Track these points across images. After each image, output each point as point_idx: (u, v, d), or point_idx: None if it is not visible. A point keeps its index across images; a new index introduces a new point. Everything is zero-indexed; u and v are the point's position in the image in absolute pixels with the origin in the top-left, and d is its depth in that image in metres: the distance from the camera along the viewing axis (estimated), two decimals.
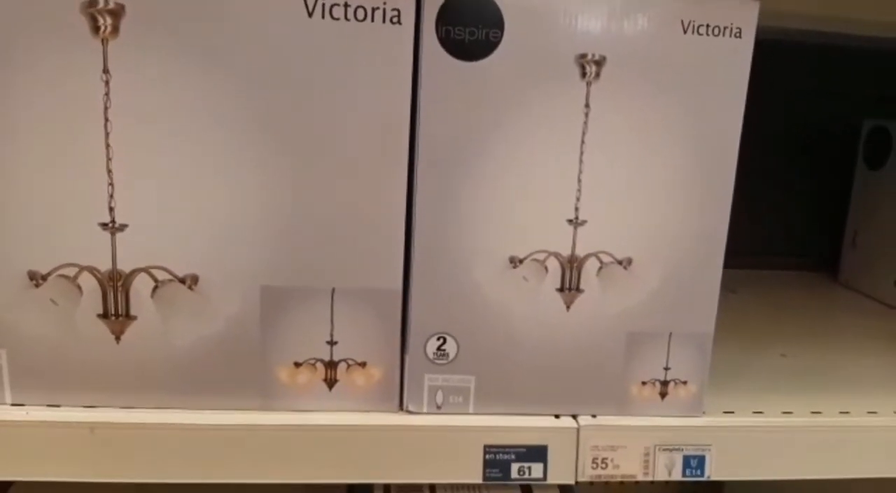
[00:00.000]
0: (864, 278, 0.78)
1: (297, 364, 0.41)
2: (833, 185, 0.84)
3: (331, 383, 0.41)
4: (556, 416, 0.43)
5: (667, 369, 0.43)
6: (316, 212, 0.39)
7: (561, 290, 0.41)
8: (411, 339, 0.41)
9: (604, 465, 0.42)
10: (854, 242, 0.81)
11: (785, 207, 0.85)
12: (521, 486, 0.47)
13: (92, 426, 0.39)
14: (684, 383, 0.43)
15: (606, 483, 0.82)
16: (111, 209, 0.38)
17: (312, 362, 0.41)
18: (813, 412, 0.46)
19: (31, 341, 0.39)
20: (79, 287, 0.39)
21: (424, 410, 0.42)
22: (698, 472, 0.43)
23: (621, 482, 0.88)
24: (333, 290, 0.40)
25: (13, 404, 0.40)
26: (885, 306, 0.73)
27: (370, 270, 0.40)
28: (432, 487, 0.46)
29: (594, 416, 0.43)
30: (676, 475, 0.42)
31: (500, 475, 0.42)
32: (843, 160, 0.83)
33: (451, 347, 0.42)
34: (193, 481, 0.40)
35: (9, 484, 0.49)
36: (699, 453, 0.43)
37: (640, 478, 0.42)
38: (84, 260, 0.38)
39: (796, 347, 0.59)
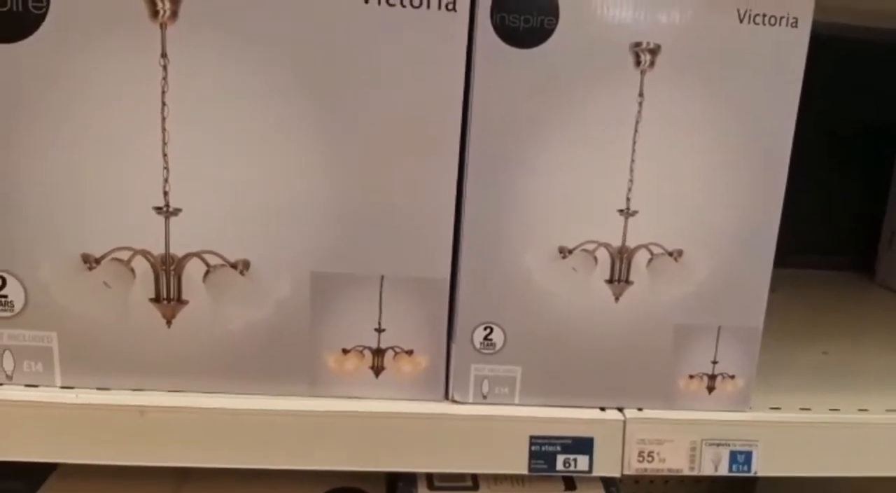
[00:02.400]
0: None
1: (345, 351, 0.41)
2: (871, 185, 0.83)
3: (377, 370, 0.41)
4: (602, 409, 0.42)
5: (715, 362, 0.43)
6: (366, 199, 0.39)
7: (610, 281, 0.41)
8: (458, 328, 0.41)
9: (650, 458, 0.42)
10: (891, 243, 0.80)
11: (823, 207, 0.84)
12: (565, 479, 0.46)
13: (142, 409, 0.39)
14: (732, 377, 0.43)
15: (637, 481, 0.82)
16: (165, 193, 0.38)
17: (360, 349, 0.41)
18: (860, 410, 0.45)
19: (83, 324, 0.40)
20: (132, 271, 0.39)
21: (470, 400, 0.42)
22: (745, 468, 0.42)
23: (651, 481, 0.88)
24: (382, 277, 0.40)
25: (62, 387, 0.40)
26: None
27: (418, 258, 0.40)
28: (475, 478, 0.46)
29: (640, 409, 0.43)
30: (723, 471, 0.42)
31: (545, 466, 0.41)
32: (882, 160, 0.82)
33: (498, 336, 0.41)
34: (241, 465, 0.40)
35: (53, 466, 0.49)
36: (746, 448, 0.42)
37: (686, 472, 0.42)
38: (138, 244, 0.39)
39: (837, 345, 0.58)
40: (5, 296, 0.39)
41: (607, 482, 0.46)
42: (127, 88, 0.37)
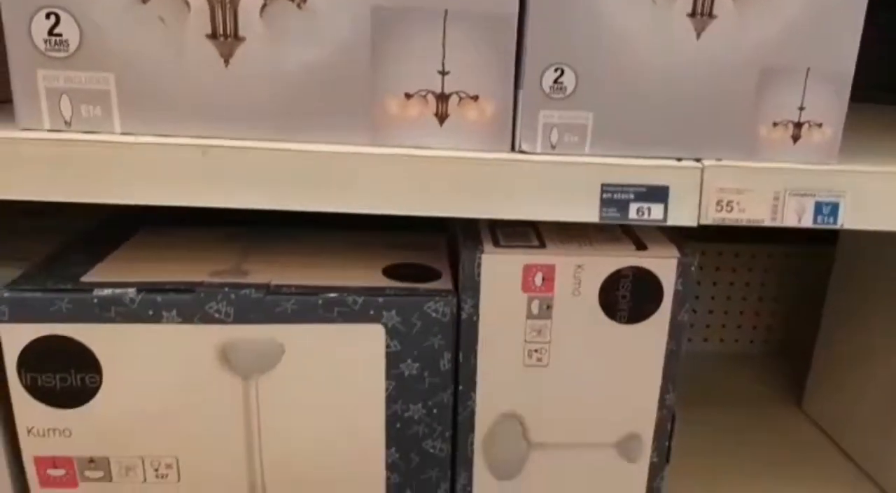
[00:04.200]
0: None
1: (408, 95, 0.39)
2: None
3: (442, 117, 0.40)
4: (678, 159, 0.40)
5: (801, 109, 0.40)
6: None
7: (692, 15, 0.38)
8: (526, 70, 0.39)
9: (728, 208, 0.40)
10: None
11: None
12: (635, 240, 0.45)
13: (204, 149, 0.38)
14: (819, 125, 0.40)
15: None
16: None
17: (423, 93, 0.39)
18: None
19: (140, 64, 0.38)
20: (187, 4, 0.37)
21: (538, 149, 0.40)
22: (830, 219, 0.40)
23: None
24: (446, 12, 0.38)
25: (122, 133, 0.39)
26: None
27: None
28: (541, 237, 0.44)
29: (719, 160, 0.40)
30: (806, 222, 0.40)
31: (617, 214, 0.40)
32: None
33: (568, 79, 0.39)
34: (303, 208, 0.39)
35: (117, 245, 0.49)
36: (833, 199, 0.40)
37: (768, 223, 0.40)
38: None
39: None
40: (59, 34, 0.38)
41: (680, 244, 0.44)
42: None
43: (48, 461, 0.44)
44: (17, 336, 0.41)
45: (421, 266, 0.48)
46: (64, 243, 0.50)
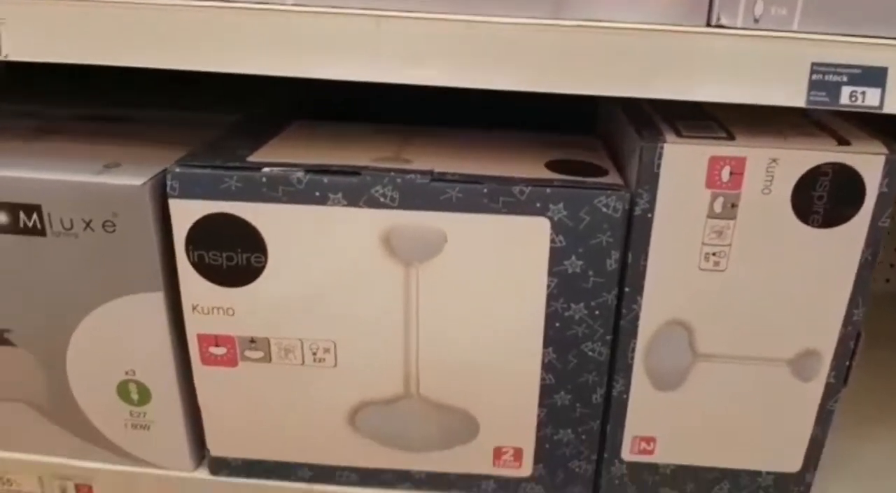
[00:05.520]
0: None
1: None
2: None
3: None
4: None
5: None
6: None
7: None
8: None
9: None
10: None
11: None
12: (837, 136, 0.40)
13: (378, 20, 0.37)
14: None
15: None
16: None
17: None
18: None
19: None
20: None
21: (739, 23, 0.36)
22: None
23: None
24: None
25: (293, 3, 0.38)
26: None
27: None
28: (728, 130, 0.41)
29: None
30: None
31: (826, 99, 0.36)
32: None
33: None
34: (482, 85, 0.37)
35: (284, 125, 0.49)
36: None
37: None
38: None
39: None
40: None
41: (887, 140, 0.40)
42: None
43: (210, 338, 0.45)
44: (187, 213, 0.42)
45: (585, 163, 0.45)
46: (220, 132, 0.50)
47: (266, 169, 0.41)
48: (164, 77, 0.45)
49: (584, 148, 0.48)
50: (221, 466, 0.49)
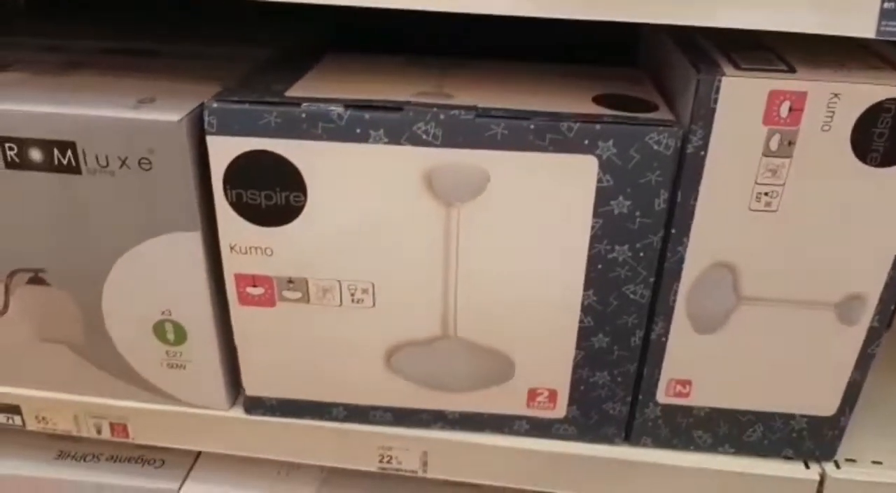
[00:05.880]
0: None
1: None
2: None
3: None
4: None
5: None
6: None
7: None
8: None
9: None
10: None
11: None
12: None
13: None
14: None
15: None
16: None
17: None
18: None
19: None
20: None
21: None
22: None
23: None
24: None
25: None
26: None
27: None
28: (789, 62, 0.39)
29: None
30: None
31: None
32: None
33: None
34: (528, 12, 0.35)
35: (318, 59, 0.47)
36: None
37: None
38: None
39: None
40: None
41: None
42: None
43: (248, 278, 0.44)
44: (224, 150, 0.41)
45: (633, 97, 0.43)
46: (252, 66, 0.49)
47: (305, 104, 0.40)
48: (185, 11, 0.43)
49: (630, 81, 0.46)
50: (256, 405, 0.49)
